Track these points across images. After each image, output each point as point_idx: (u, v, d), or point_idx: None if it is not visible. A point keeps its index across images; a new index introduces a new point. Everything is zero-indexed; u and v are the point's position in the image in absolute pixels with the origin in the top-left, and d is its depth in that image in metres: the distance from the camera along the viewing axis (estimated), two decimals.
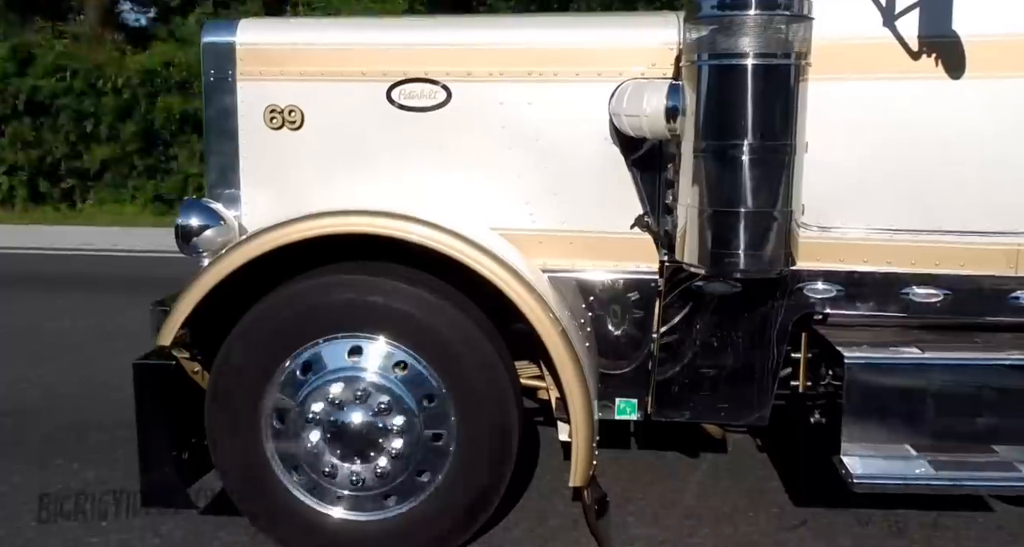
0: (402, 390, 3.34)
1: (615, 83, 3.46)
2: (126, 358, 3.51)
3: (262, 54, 3.69)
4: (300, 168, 3.72)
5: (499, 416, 3.34)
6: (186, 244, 3.64)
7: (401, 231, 3.29)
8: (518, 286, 3.25)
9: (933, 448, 3.31)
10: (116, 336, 6.72)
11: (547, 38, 3.60)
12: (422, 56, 3.60)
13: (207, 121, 3.79)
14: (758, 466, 4.40)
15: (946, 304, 3.43)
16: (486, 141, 3.61)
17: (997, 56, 3.25)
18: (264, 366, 3.38)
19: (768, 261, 3.17)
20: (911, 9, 3.26)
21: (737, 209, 3.11)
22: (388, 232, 3.30)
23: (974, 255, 3.37)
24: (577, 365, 3.25)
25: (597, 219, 3.59)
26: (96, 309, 7.83)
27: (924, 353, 3.34)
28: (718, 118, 3.09)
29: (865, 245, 3.42)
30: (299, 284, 3.41)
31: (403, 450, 3.35)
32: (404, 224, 3.30)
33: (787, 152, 3.09)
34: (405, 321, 3.33)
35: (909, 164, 3.36)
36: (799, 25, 3.05)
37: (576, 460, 3.28)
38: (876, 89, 3.34)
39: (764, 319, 3.51)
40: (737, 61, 3.03)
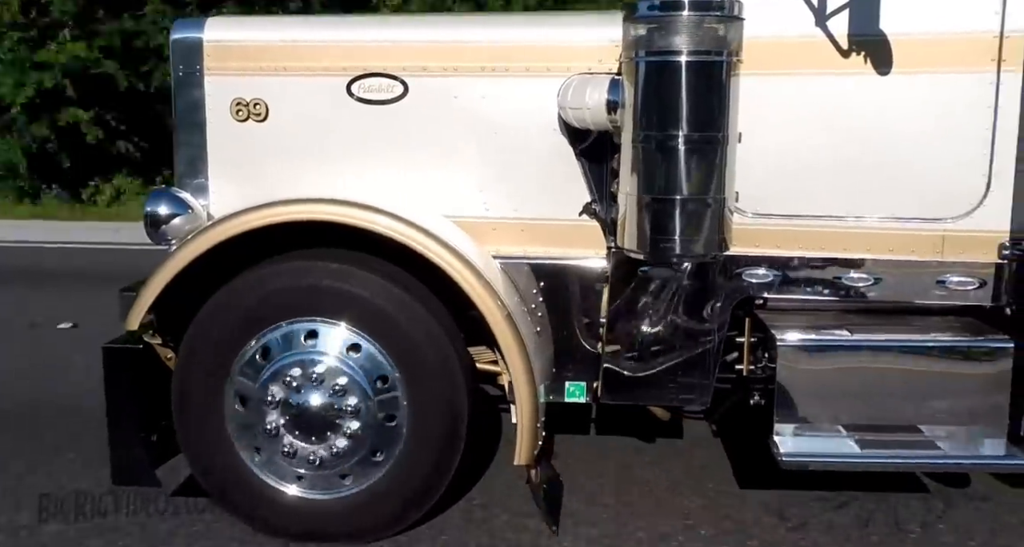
0: (357, 373, 3.50)
1: (564, 78, 3.63)
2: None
3: (228, 50, 3.86)
4: (265, 158, 3.88)
5: (450, 398, 3.50)
6: (155, 232, 3.81)
7: (355, 219, 3.46)
8: (465, 271, 3.42)
9: (862, 427, 3.49)
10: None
11: (499, 35, 3.76)
12: (380, 52, 3.77)
13: (176, 114, 3.95)
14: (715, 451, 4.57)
15: (877, 288, 3.59)
16: (441, 133, 3.77)
17: (921, 53, 3.41)
18: (226, 349, 3.54)
19: (703, 246, 3.34)
20: (841, 9, 3.42)
21: (673, 197, 3.29)
22: (345, 220, 3.47)
23: (902, 241, 3.53)
24: (522, 348, 3.41)
25: (547, 207, 3.76)
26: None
27: (853, 335, 3.51)
28: (654, 111, 3.26)
29: (800, 232, 3.58)
30: (259, 270, 3.56)
31: (358, 431, 3.51)
32: (358, 212, 3.47)
33: (719, 143, 3.26)
34: (361, 306, 3.49)
35: (840, 155, 3.52)
36: (730, 25, 3.23)
37: (521, 440, 3.45)
38: (809, 84, 3.51)
39: (705, 304, 3.67)
40: (671, 58, 3.21)
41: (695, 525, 3.80)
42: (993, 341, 3.46)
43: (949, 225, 3.50)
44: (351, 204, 3.50)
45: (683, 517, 3.87)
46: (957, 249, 3.51)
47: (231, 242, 3.55)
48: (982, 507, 3.96)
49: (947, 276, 3.55)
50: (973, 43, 3.38)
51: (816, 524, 3.80)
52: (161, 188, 3.92)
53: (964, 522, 3.82)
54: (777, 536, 3.71)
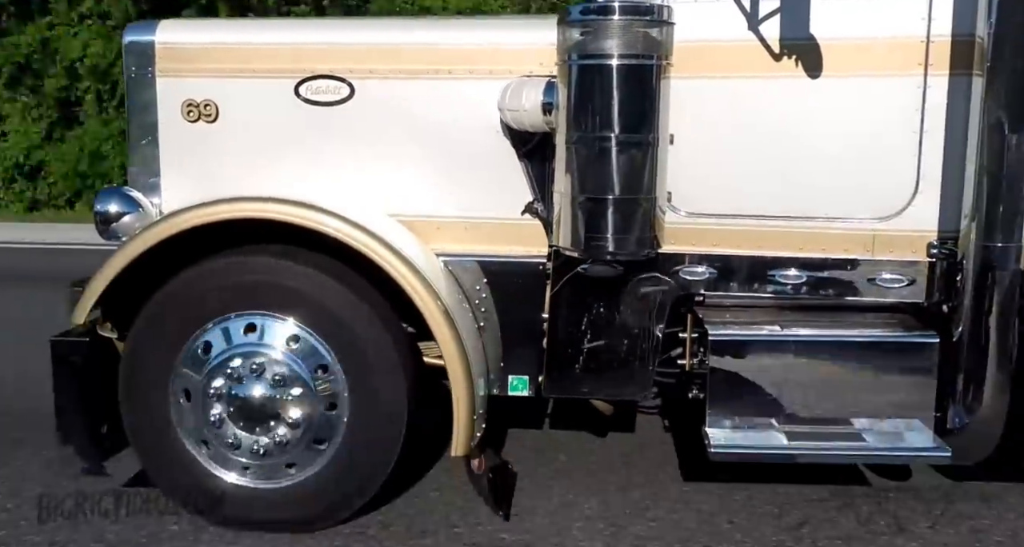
0: (299, 364, 3.58)
1: (506, 80, 3.71)
2: None
3: (179, 52, 3.94)
4: (215, 158, 3.96)
5: (390, 390, 3.58)
6: (105, 229, 3.89)
7: (293, 216, 3.54)
8: (400, 265, 3.50)
9: (792, 420, 3.57)
10: None
11: (443, 38, 3.85)
12: (327, 54, 3.85)
13: (129, 115, 4.04)
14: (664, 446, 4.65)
15: (810, 286, 3.68)
16: (387, 134, 3.85)
17: (851, 57, 3.50)
18: (172, 341, 3.62)
19: (635, 244, 3.44)
20: (773, 14, 3.51)
21: (605, 196, 3.38)
22: (283, 217, 3.55)
23: (834, 240, 3.62)
24: (457, 341, 3.50)
25: (491, 206, 3.84)
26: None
27: (784, 330, 3.60)
28: (587, 113, 3.36)
29: (736, 230, 3.67)
30: (207, 264, 3.64)
31: (300, 421, 3.59)
32: (296, 210, 3.55)
33: (650, 144, 3.36)
34: (305, 302, 3.57)
35: (774, 156, 3.61)
36: (660, 29, 3.33)
37: (457, 431, 3.53)
38: (743, 86, 3.59)
39: (644, 300, 3.75)
40: (603, 61, 3.30)
41: (642, 512, 3.90)
42: (920, 336, 3.55)
43: (879, 225, 3.59)
44: (291, 202, 3.57)
45: (631, 506, 3.96)
46: (887, 248, 3.60)
47: (185, 238, 3.63)
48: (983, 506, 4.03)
49: (878, 274, 3.64)
50: (901, 48, 3.47)
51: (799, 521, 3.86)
52: (112, 187, 4.00)
53: (963, 523, 3.88)
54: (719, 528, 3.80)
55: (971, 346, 3.41)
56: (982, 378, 3.42)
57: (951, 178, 3.48)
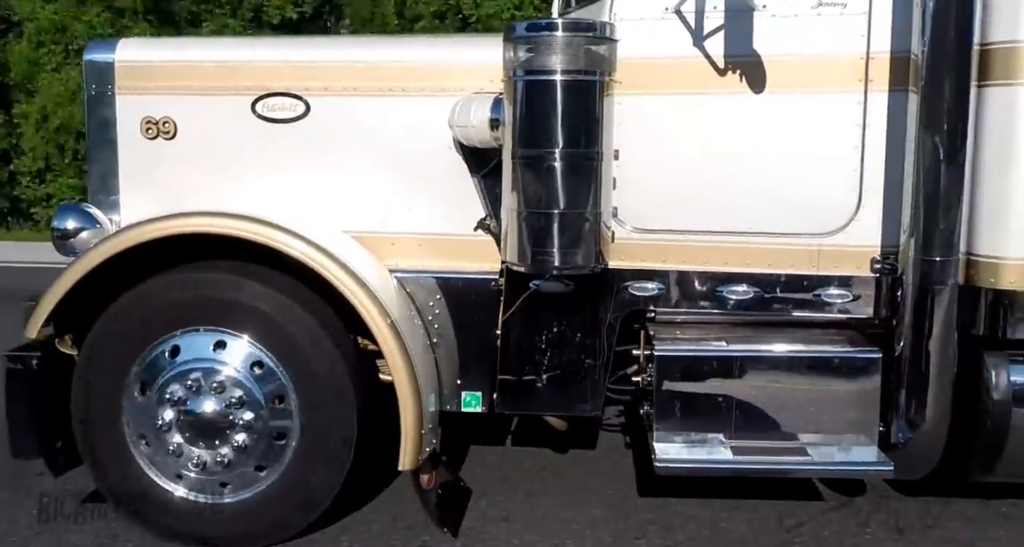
0: (252, 384, 3.60)
1: (456, 97, 3.76)
2: None
3: (139, 70, 4.00)
4: (174, 175, 4.01)
5: (339, 414, 3.60)
6: (63, 245, 3.92)
7: (240, 231, 3.57)
8: (348, 280, 3.53)
9: (738, 435, 3.59)
10: None
11: (396, 56, 3.91)
12: (283, 72, 3.91)
13: (89, 132, 4.09)
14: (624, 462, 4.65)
15: (757, 301, 3.70)
16: (342, 150, 3.90)
17: (793, 73, 3.55)
18: (123, 355, 3.64)
19: (581, 259, 3.47)
20: (716, 31, 3.57)
21: (550, 211, 3.42)
22: (230, 232, 3.58)
23: (780, 255, 3.65)
24: (404, 356, 3.52)
25: (444, 222, 3.88)
26: None
27: (729, 346, 3.63)
28: (532, 128, 3.41)
29: (683, 246, 3.70)
30: (162, 278, 3.67)
31: (247, 439, 3.60)
32: (243, 224, 3.58)
33: (595, 159, 3.40)
34: (257, 318, 3.59)
35: (719, 171, 3.65)
36: (603, 46, 3.38)
37: (405, 445, 3.54)
38: (688, 102, 3.64)
39: (594, 316, 3.78)
40: (547, 77, 3.35)
41: (597, 529, 3.90)
42: (863, 352, 3.57)
43: (824, 240, 3.62)
44: (240, 217, 3.61)
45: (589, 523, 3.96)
46: (832, 263, 3.63)
47: (140, 252, 3.66)
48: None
49: (824, 289, 3.66)
50: (841, 64, 3.52)
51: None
52: (69, 203, 4.04)
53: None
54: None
55: (912, 361, 3.43)
56: (924, 393, 3.44)
57: (893, 193, 3.52)
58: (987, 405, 3.50)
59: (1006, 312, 3.40)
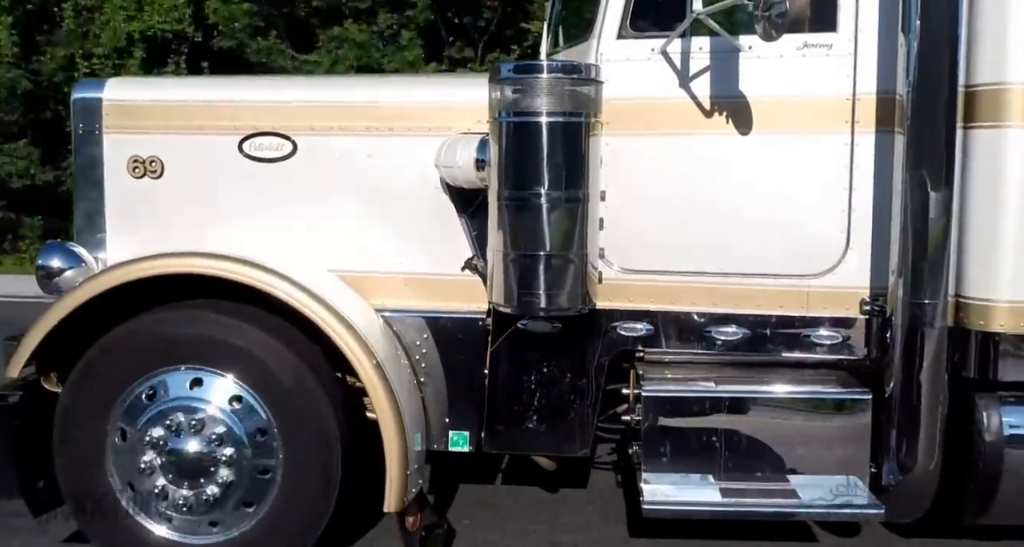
0: (235, 423, 3.57)
1: (443, 138, 3.75)
2: None
3: (126, 110, 4.00)
4: (161, 214, 4.00)
5: (323, 455, 3.56)
6: (48, 284, 3.90)
7: (225, 271, 3.56)
8: (332, 319, 3.51)
9: (727, 476, 3.55)
10: None
11: (383, 96, 3.91)
12: (270, 112, 3.91)
13: (76, 170, 4.08)
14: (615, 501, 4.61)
15: (746, 342, 3.68)
16: (329, 190, 3.89)
17: (779, 114, 3.55)
18: (105, 395, 3.62)
19: (567, 300, 3.46)
20: (702, 72, 3.57)
21: (535, 253, 3.41)
22: (215, 273, 3.57)
23: (768, 296, 3.64)
24: (390, 396, 3.49)
25: (430, 262, 3.86)
26: None
27: (717, 387, 3.60)
28: (518, 170, 3.40)
29: (670, 287, 3.69)
30: (146, 317, 3.65)
31: (231, 479, 3.56)
32: (228, 265, 3.57)
33: (581, 200, 3.39)
34: (242, 358, 3.57)
35: (708, 212, 3.64)
36: (588, 87, 3.38)
37: (390, 486, 3.50)
38: (675, 143, 3.64)
39: (582, 356, 3.76)
40: (532, 118, 3.36)
41: None
42: (853, 393, 3.54)
43: (813, 281, 3.60)
44: (224, 258, 3.60)
45: None
46: (821, 305, 3.61)
47: (125, 291, 3.64)
48: None
49: (813, 331, 3.64)
50: (827, 105, 3.52)
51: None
52: (55, 242, 4.03)
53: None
54: None
55: (902, 403, 3.41)
56: (915, 435, 3.41)
57: (881, 234, 3.51)
58: (979, 447, 3.46)
59: (996, 354, 3.37)
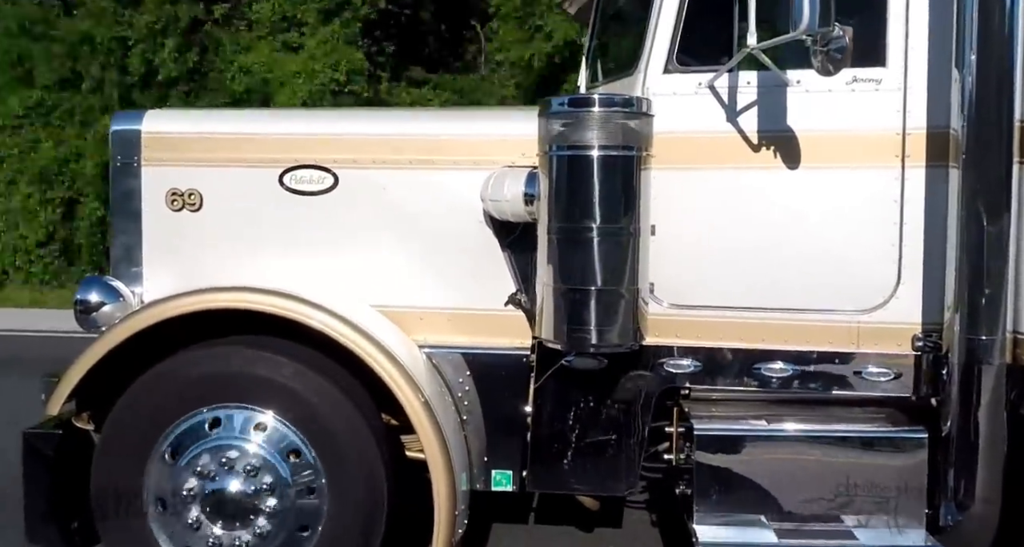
0: (278, 462, 3.49)
1: (488, 171, 3.73)
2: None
3: (165, 142, 3.97)
4: (199, 247, 3.95)
5: (369, 494, 3.49)
6: (85, 319, 3.84)
7: (275, 307, 3.51)
8: (382, 359, 3.45)
9: (781, 517, 3.47)
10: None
11: (427, 129, 3.89)
12: (312, 144, 3.89)
13: (113, 203, 4.05)
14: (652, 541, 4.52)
15: (796, 379, 3.62)
16: (371, 224, 3.86)
17: (829, 148, 3.53)
18: (149, 432, 3.54)
19: (618, 336, 3.41)
20: (750, 106, 3.55)
21: (587, 287, 3.36)
22: (264, 308, 3.52)
23: (818, 332, 3.58)
24: (439, 436, 3.43)
25: (474, 297, 3.81)
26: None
27: (770, 425, 3.53)
28: (567, 203, 3.37)
29: (718, 322, 3.63)
30: (185, 355, 3.60)
31: (278, 517, 3.48)
32: (278, 300, 3.53)
33: (631, 234, 3.36)
34: (286, 395, 3.51)
35: (756, 247, 3.60)
36: (639, 121, 3.36)
37: (438, 529, 3.43)
38: (721, 178, 3.61)
39: (629, 393, 3.69)
40: (583, 152, 3.33)
41: None
42: (908, 432, 3.48)
43: (863, 317, 3.55)
44: (275, 293, 3.55)
45: None
46: (872, 341, 3.56)
47: (166, 326, 3.59)
48: None
49: (864, 367, 3.58)
50: (877, 140, 3.50)
51: None
52: (93, 276, 3.97)
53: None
54: None
55: (960, 441, 3.34)
56: (973, 474, 3.34)
57: (933, 269, 3.47)
58: None
59: None
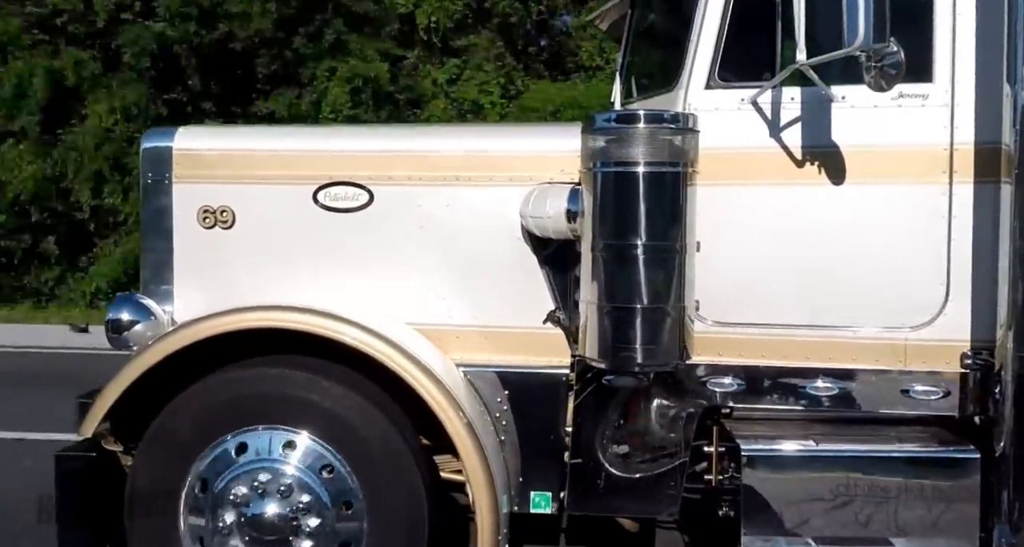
0: (317, 483, 3.43)
1: (527, 187, 3.68)
2: None
3: (197, 159, 3.92)
4: (231, 265, 3.90)
5: (410, 516, 3.43)
6: (117, 338, 3.78)
7: (316, 326, 3.45)
8: (425, 380, 3.39)
9: (830, 539, 3.41)
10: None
11: (463, 145, 3.85)
12: (347, 161, 3.84)
13: (144, 220, 3.99)
14: None
15: (842, 398, 3.56)
16: (406, 240, 3.80)
17: (875, 164, 3.48)
18: (183, 454, 3.48)
19: (664, 355, 3.35)
20: (794, 122, 3.51)
21: (633, 305, 3.31)
22: (305, 328, 3.46)
23: (865, 350, 3.53)
24: (482, 458, 3.36)
25: (511, 315, 3.76)
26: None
27: (819, 445, 3.47)
28: (613, 220, 3.32)
29: (762, 340, 3.58)
30: (219, 376, 3.53)
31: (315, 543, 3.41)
32: (319, 319, 3.47)
33: (677, 251, 3.31)
34: (322, 415, 3.45)
35: (800, 263, 3.55)
36: (685, 136, 3.31)
37: None
38: (765, 194, 3.56)
39: (670, 413, 3.64)
40: (628, 169, 3.29)
41: None
42: (960, 451, 3.42)
43: (911, 334, 3.50)
44: (312, 311, 3.50)
45: None
46: (920, 358, 3.50)
47: (197, 347, 3.53)
48: None
49: (911, 386, 3.52)
50: (924, 155, 3.46)
51: None
52: (125, 294, 3.91)
53: None
54: None
55: (1016, 461, 3.28)
56: None
57: (982, 286, 3.42)
58: None
59: None
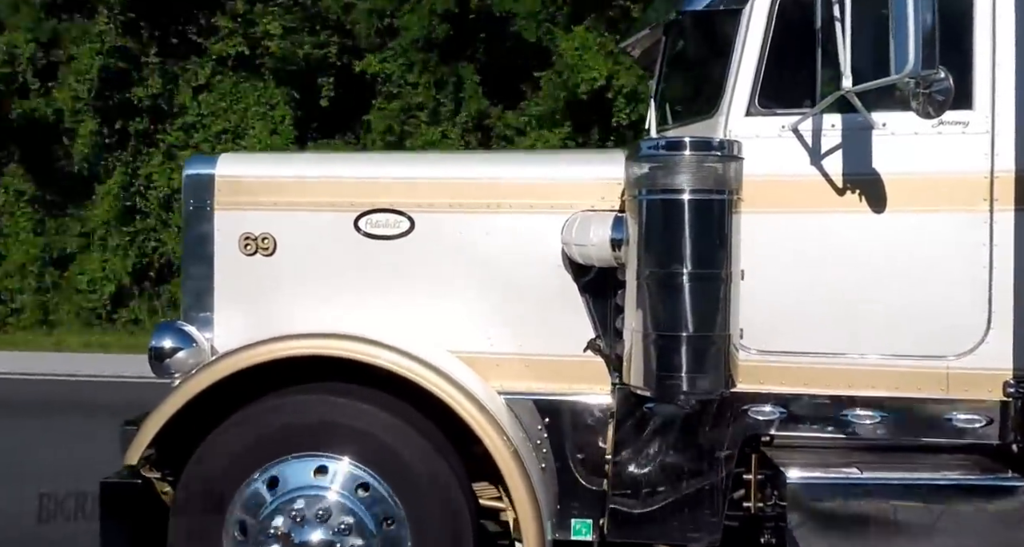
0: (361, 510, 3.43)
1: (567, 214, 3.70)
2: None
3: (239, 186, 3.95)
4: (272, 292, 3.91)
5: (455, 538, 3.42)
6: (159, 365, 3.79)
7: (361, 354, 3.46)
8: (471, 407, 3.40)
9: None
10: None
11: (504, 172, 3.88)
12: (388, 188, 3.87)
13: (185, 247, 4.02)
14: None
15: (884, 426, 3.56)
16: (447, 268, 3.82)
17: (915, 192, 3.50)
18: (226, 483, 3.48)
19: (710, 383, 3.35)
20: (835, 150, 3.54)
21: (678, 333, 3.31)
22: (350, 355, 3.47)
23: (906, 378, 3.53)
24: (528, 485, 3.36)
25: (551, 343, 3.77)
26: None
27: (863, 474, 3.46)
28: (658, 248, 3.33)
29: (804, 368, 3.58)
30: (263, 404, 3.54)
31: None
32: (363, 347, 3.48)
33: (723, 279, 3.32)
34: (366, 442, 3.46)
35: (842, 291, 3.56)
36: (730, 164, 3.33)
37: None
38: (805, 222, 3.58)
39: (712, 441, 3.63)
40: (674, 196, 3.30)
41: None
42: (1003, 479, 3.41)
43: (952, 362, 3.50)
44: (356, 339, 3.51)
45: None
46: (962, 387, 3.50)
47: (237, 375, 3.54)
48: None
49: (953, 414, 3.52)
50: (965, 182, 3.47)
51: None
52: (167, 321, 3.93)
53: None
54: None
55: None
56: None
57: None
58: None
59: None
